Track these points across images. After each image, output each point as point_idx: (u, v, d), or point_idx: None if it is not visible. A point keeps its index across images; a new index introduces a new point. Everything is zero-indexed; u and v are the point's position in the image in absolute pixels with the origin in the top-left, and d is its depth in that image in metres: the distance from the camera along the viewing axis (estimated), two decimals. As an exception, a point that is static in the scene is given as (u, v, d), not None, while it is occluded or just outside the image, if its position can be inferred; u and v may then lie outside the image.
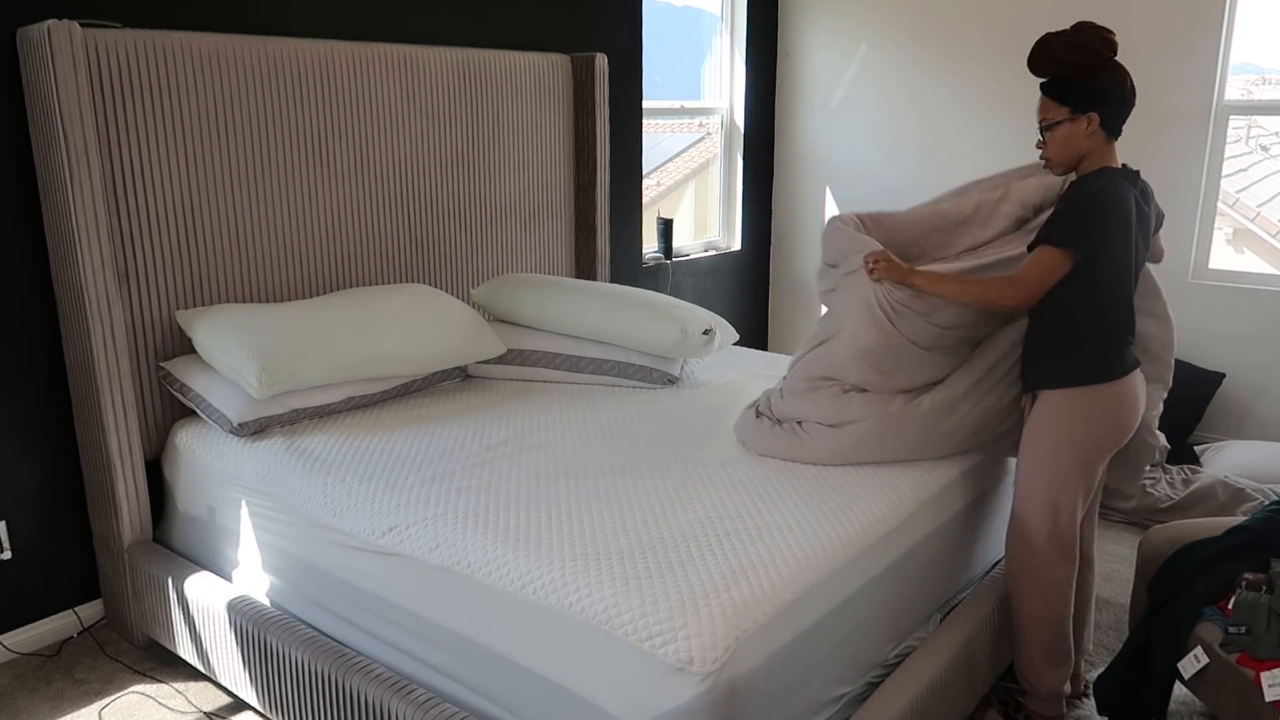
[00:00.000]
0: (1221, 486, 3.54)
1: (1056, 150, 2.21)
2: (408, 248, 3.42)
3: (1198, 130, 4.08)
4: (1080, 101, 2.15)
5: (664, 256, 4.72)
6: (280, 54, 2.95)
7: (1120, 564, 3.30)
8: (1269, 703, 2.03)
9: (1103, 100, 2.15)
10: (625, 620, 1.75)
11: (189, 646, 2.58)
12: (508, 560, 1.95)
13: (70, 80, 2.44)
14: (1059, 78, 2.16)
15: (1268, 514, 2.43)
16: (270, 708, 2.35)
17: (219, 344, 2.64)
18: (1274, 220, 6.34)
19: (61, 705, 2.55)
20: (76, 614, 2.90)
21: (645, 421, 2.74)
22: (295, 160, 3.04)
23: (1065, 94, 2.16)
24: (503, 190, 3.70)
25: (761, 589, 1.81)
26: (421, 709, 1.97)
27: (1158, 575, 2.43)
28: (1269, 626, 2.12)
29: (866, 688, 2.13)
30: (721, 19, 5.02)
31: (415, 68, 3.32)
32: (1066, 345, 2.19)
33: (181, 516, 2.78)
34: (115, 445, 2.66)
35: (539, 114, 3.77)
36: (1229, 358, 4.12)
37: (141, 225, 2.72)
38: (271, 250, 3.03)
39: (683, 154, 5.69)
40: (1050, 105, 2.19)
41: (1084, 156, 2.20)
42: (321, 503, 2.31)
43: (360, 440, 2.59)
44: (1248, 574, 2.23)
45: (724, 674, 1.67)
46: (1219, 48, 3.97)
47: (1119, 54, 2.16)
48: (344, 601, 2.27)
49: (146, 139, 2.69)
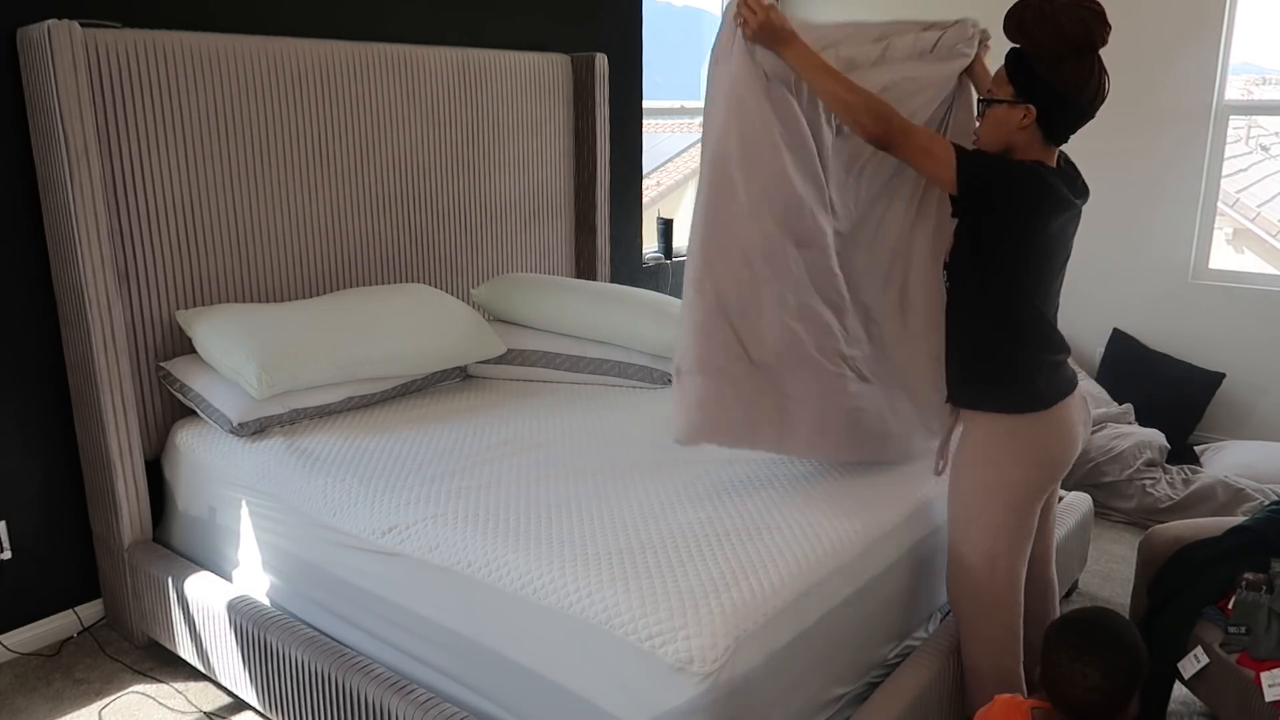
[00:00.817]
0: (1221, 486, 3.54)
1: (985, 130, 1.93)
2: (408, 248, 3.42)
3: (1198, 130, 4.08)
4: (1026, 87, 1.84)
5: (664, 256, 4.72)
6: (280, 54, 2.95)
7: (1120, 564, 3.30)
8: (1269, 703, 2.03)
9: (1049, 96, 1.83)
10: (625, 620, 1.75)
11: (189, 646, 2.58)
12: (508, 560, 1.95)
13: (70, 80, 2.44)
14: (1022, 51, 1.85)
15: (1268, 514, 2.44)
16: (270, 708, 2.35)
17: (219, 344, 2.64)
18: (1274, 220, 6.35)
19: (61, 705, 2.55)
20: (76, 614, 2.90)
21: (645, 421, 2.74)
22: (295, 160, 3.04)
23: (1016, 71, 1.86)
24: (503, 190, 3.70)
25: (761, 589, 1.81)
26: (421, 709, 1.97)
27: (1158, 575, 2.43)
28: (1269, 626, 2.13)
29: (866, 688, 2.13)
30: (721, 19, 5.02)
31: (415, 68, 3.32)
32: (988, 371, 1.98)
33: (181, 516, 2.78)
34: (115, 445, 2.66)
35: (539, 114, 3.77)
36: (1229, 358, 4.12)
37: (141, 225, 2.72)
38: (272, 250, 3.03)
39: (683, 154, 5.69)
40: (1000, 78, 1.90)
41: (1013, 150, 1.91)
42: (321, 502, 2.31)
43: (360, 440, 2.59)
44: (1248, 574, 2.23)
45: (724, 674, 1.67)
46: (1219, 48, 3.97)
47: (1108, 53, 1.89)
48: (344, 601, 2.27)
49: (146, 139, 2.69)
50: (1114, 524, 3.63)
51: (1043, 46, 1.81)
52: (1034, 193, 1.85)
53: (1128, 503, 3.64)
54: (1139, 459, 3.67)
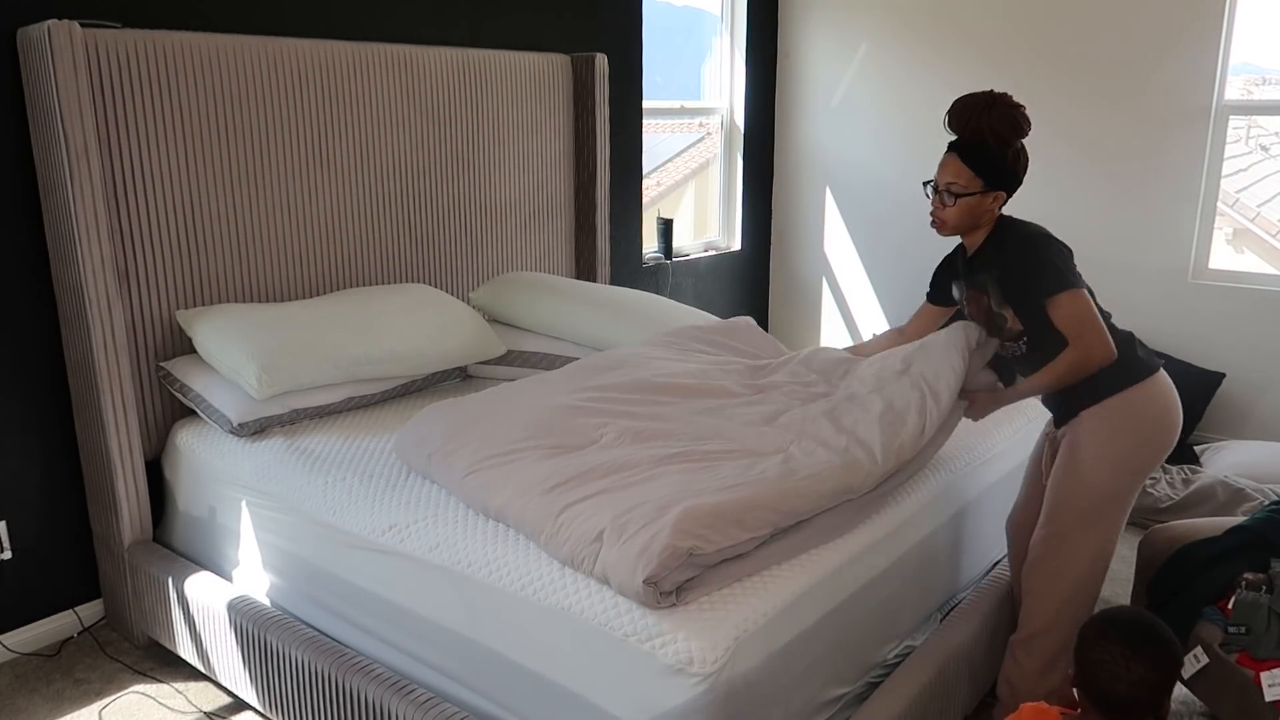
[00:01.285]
0: (1221, 486, 3.54)
1: (958, 217, 2.15)
2: (408, 248, 3.42)
3: (1198, 130, 4.08)
4: (997, 178, 2.11)
5: (664, 256, 4.72)
6: (280, 54, 2.95)
7: (1120, 564, 3.30)
8: (1269, 702, 2.03)
9: (1014, 182, 2.13)
10: (625, 620, 1.75)
11: (189, 646, 2.58)
12: (508, 560, 1.95)
13: (70, 80, 2.44)
14: (985, 148, 2.10)
15: (1267, 514, 2.44)
16: (270, 707, 2.35)
17: (219, 344, 2.64)
18: (1274, 220, 6.35)
19: (62, 705, 2.56)
20: (77, 614, 2.90)
21: (645, 421, 2.73)
22: (295, 160, 3.04)
23: (986, 166, 2.11)
24: (503, 190, 3.70)
25: (762, 589, 1.81)
26: (421, 709, 1.97)
27: (1158, 575, 2.43)
28: (1269, 626, 2.13)
29: (866, 688, 2.13)
30: (721, 19, 5.02)
31: (415, 68, 3.32)
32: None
33: (182, 516, 2.78)
34: (115, 445, 2.66)
35: (539, 114, 3.77)
36: (1229, 358, 4.12)
37: (141, 225, 2.72)
38: (272, 250, 3.03)
39: (683, 154, 5.69)
40: (965, 172, 2.12)
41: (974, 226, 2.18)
42: (321, 502, 2.31)
43: (360, 440, 2.59)
44: (1248, 574, 2.23)
45: (724, 674, 1.66)
46: (1219, 48, 3.97)
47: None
48: (344, 601, 2.27)
49: (146, 139, 2.69)
50: (1114, 524, 3.63)
51: (1009, 141, 2.10)
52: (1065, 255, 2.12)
53: (1128, 503, 3.64)
54: (1139, 459, 3.67)
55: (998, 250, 2.15)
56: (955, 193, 2.12)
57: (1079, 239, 2.11)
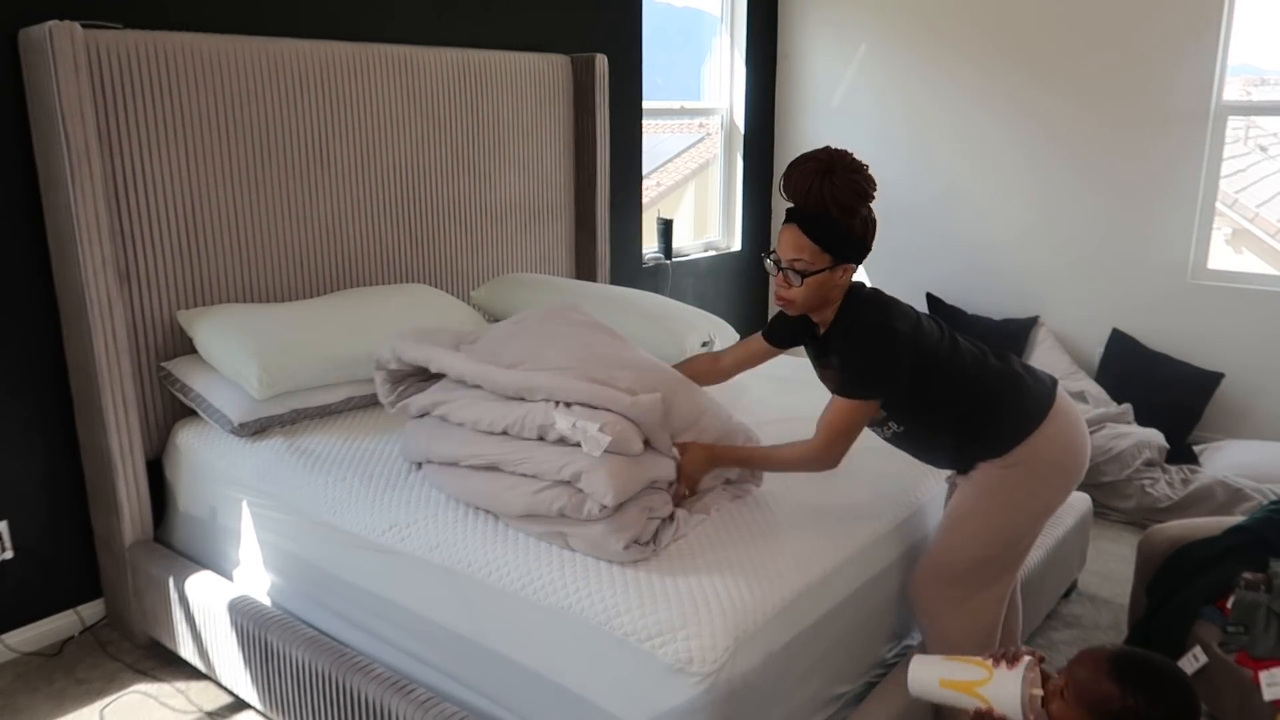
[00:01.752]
0: (1220, 486, 3.55)
1: (806, 296, 1.95)
2: (408, 248, 3.43)
3: (1196, 131, 4.08)
4: (845, 251, 1.92)
5: (664, 257, 4.73)
6: (280, 54, 2.95)
7: (1119, 564, 3.30)
8: (1267, 701, 2.04)
9: (863, 252, 1.95)
10: (625, 620, 1.75)
11: (190, 646, 2.59)
12: (508, 560, 1.96)
13: (71, 81, 2.44)
14: (829, 219, 1.89)
15: (1266, 514, 2.44)
16: (271, 707, 2.35)
17: (220, 344, 2.64)
18: (1272, 220, 6.35)
19: (63, 705, 2.56)
20: (78, 613, 2.90)
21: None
22: (296, 160, 3.05)
23: (832, 239, 1.90)
24: (503, 190, 3.71)
25: (761, 589, 1.81)
26: (421, 709, 1.97)
27: (1157, 575, 2.44)
28: (1267, 626, 2.13)
29: (866, 688, 2.13)
30: (721, 20, 5.02)
31: (415, 68, 3.32)
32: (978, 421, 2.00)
33: (182, 516, 2.79)
34: (116, 445, 2.67)
35: (539, 114, 3.78)
36: (1227, 358, 4.12)
37: (142, 225, 2.73)
38: (272, 250, 3.03)
39: (683, 154, 5.70)
40: (810, 247, 1.90)
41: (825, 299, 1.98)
42: (322, 501, 2.32)
43: (360, 440, 2.60)
44: (1246, 574, 2.24)
45: (724, 674, 1.67)
46: (1217, 48, 3.97)
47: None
48: (344, 601, 2.28)
49: (147, 139, 2.70)
50: (1113, 524, 3.64)
51: (853, 211, 1.90)
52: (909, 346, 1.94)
53: (1127, 502, 3.65)
54: (1138, 459, 3.67)
55: (844, 338, 1.98)
56: (801, 270, 1.92)
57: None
